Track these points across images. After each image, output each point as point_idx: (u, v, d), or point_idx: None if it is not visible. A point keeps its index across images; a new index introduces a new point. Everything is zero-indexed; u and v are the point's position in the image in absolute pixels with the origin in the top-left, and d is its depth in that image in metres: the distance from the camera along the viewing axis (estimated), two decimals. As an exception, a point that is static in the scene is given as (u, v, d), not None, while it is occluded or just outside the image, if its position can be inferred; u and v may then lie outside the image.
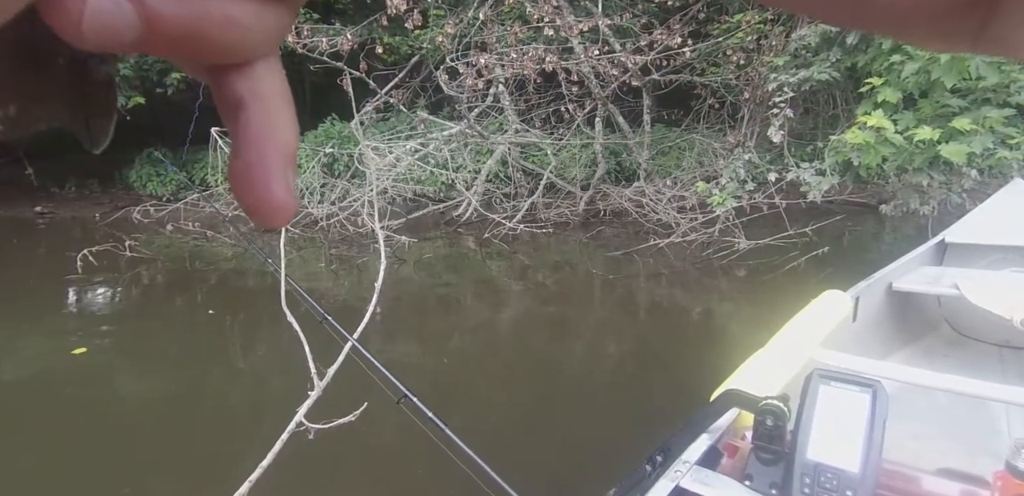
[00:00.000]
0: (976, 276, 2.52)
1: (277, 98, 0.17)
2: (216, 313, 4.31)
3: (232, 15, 0.15)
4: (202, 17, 0.14)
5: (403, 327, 4.14)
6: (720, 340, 3.58)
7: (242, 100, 0.17)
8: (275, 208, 0.17)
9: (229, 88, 0.17)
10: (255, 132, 0.17)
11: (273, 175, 0.17)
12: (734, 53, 6.95)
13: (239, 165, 0.17)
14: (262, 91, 0.17)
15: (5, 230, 6.88)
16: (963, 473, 1.27)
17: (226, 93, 0.17)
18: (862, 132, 4.31)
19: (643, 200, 7.04)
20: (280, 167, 0.17)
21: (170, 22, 0.14)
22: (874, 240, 6.67)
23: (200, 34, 0.14)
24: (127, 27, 0.13)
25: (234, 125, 0.17)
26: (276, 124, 0.17)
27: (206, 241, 6.63)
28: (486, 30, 7.00)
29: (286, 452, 1.72)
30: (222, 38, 0.15)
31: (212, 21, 0.14)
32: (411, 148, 7.17)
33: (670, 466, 1.18)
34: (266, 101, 0.17)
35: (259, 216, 0.17)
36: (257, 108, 0.17)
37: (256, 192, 0.17)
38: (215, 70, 0.17)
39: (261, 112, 0.17)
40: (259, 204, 0.17)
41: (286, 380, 1.91)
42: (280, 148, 0.17)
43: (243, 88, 0.17)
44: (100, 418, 2.74)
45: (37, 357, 3.52)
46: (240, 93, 0.17)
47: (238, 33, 0.15)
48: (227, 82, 0.17)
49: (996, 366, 2.45)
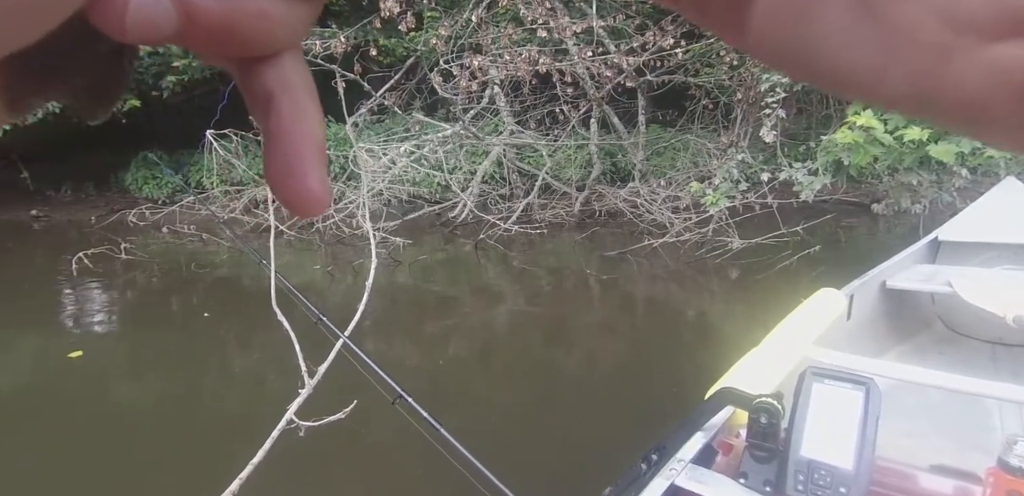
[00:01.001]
0: (969, 274, 2.53)
1: (304, 89, 0.18)
2: (211, 315, 4.30)
3: (265, 8, 0.15)
4: (237, 10, 0.15)
5: (398, 328, 4.14)
6: (714, 338, 3.59)
7: (272, 92, 0.17)
8: (314, 198, 0.18)
9: (258, 80, 0.17)
10: (287, 123, 0.17)
11: (309, 166, 0.18)
12: (727, 54, 6.98)
13: (275, 158, 0.18)
14: (290, 82, 0.18)
15: (1, 233, 6.86)
16: (956, 469, 1.27)
17: (255, 86, 0.18)
18: (852, 132, 4.33)
19: (638, 200, 7.06)
20: (315, 158, 0.18)
21: (208, 16, 0.14)
22: (867, 239, 6.70)
23: (235, 27, 0.15)
24: (167, 21, 0.14)
25: (264, 118, 0.18)
26: (306, 115, 0.18)
27: (201, 244, 6.61)
28: (480, 32, 7.01)
29: (283, 453, 1.72)
30: (256, 30, 0.16)
31: (247, 14, 0.15)
32: (406, 150, 7.17)
33: (665, 464, 1.19)
34: (295, 92, 0.18)
35: (297, 207, 0.18)
36: (287, 99, 0.17)
37: (294, 184, 0.17)
38: (245, 63, 0.17)
39: (291, 103, 0.18)
40: (298, 195, 0.17)
41: (282, 380, 1.92)
42: (312, 139, 0.18)
43: (272, 80, 0.17)
44: (96, 420, 2.73)
45: (33, 360, 3.51)
46: (270, 85, 0.17)
47: (270, 26, 0.16)
48: (256, 74, 0.17)
49: (989, 363, 2.47)
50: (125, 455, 2.41)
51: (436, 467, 1.63)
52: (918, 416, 1.91)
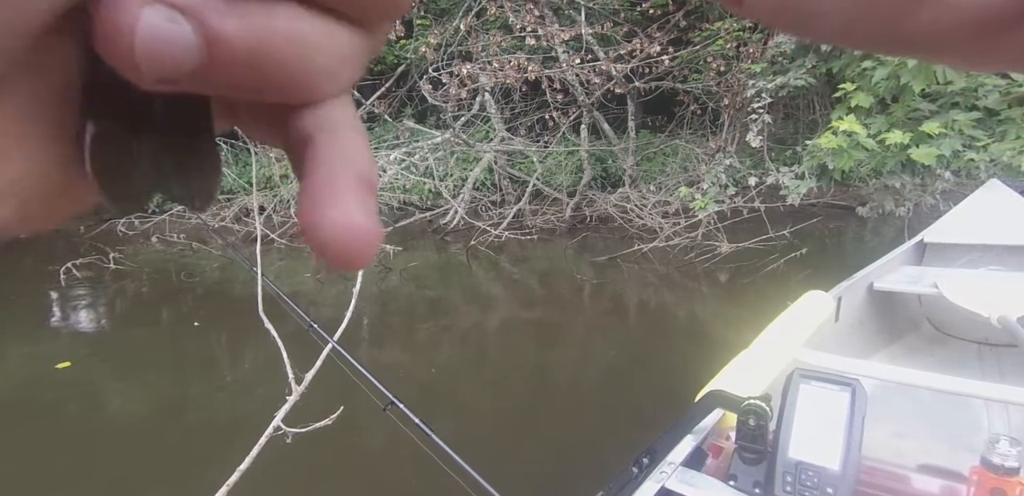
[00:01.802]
0: (955, 275, 2.56)
1: (350, 129, 0.15)
2: (201, 324, 4.28)
3: (303, 34, 0.12)
4: (268, 34, 0.12)
5: (390, 335, 4.13)
6: (704, 341, 3.61)
7: (310, 136, 0.14)
8: (355, 237, 0.13)
9: (294, 126, 0.15)
10: (324, 157, 0.14)
11: (348, 196, 0.14)
12: (714, 60, 7.05)
13: (308, 197, 0.14)
14: (334, 122, 0.15)
15: (-15, 244, 6.80)
16: (943, 469, 1.29)
17: (291, 133, 0.15)
18: (835, 137, 4.39)
19: (628, 206, 7.10)
20: (357, 189, 0.14)
21: (234, 43, 0.12)
22: (853, 241, 6.76)
23: (266, 57, 0.12)
24: (186, 50, 0.11)
25: (299, 162, 0.15)
26: (350, 151, 0.15)
27: (191, 253, 6.57)
28: (470, 40, 7.05)
29: (274, 461, 1.71)
30: (290, 61, 0.12)
31: (278, 39, 0.12)
32: (395, 158, 7.18)
33: (656, 467, 1.19)
34: (338, 132, 0.15)
35: (335, 251, 0.13)
36: (326, 138, 0.14)
37: (328, 219, 0.13)
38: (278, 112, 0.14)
39: (331, 141, 0.14)
40: (334, 233, 0.13)
41: (272, 388, 1.91)
42: (357, 171, 0.14)
43: (310, 123, 0.14)
44: (85, 431, 2.71)
45: (20, 371, 3.47)
46: (308, 130, 0.14)
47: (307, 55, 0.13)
48: (293, 120, 0.14)
49: (976, 363, 2.49)
50: (114, 464, 2.40)
51: (428, 474, 1.63)
52: (906, 416, 1.92)
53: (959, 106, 4.58)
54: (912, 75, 4.25)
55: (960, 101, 4.58)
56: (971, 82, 4.44)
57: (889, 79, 4.43)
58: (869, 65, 4.61)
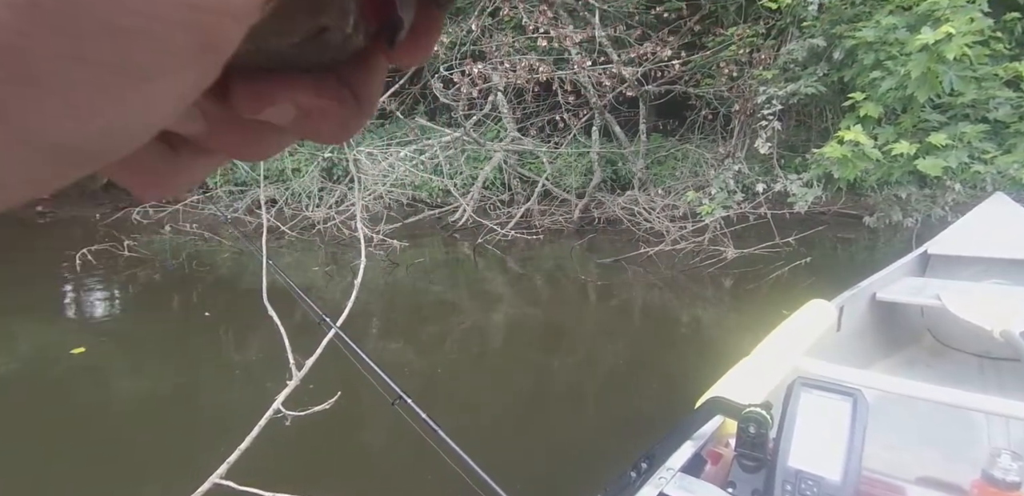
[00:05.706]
0: (958, 287, 2.55)
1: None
2: (212, 314, 4.33)
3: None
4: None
5: (397, 330, 4.17)
6: (706, 346, 3.63)
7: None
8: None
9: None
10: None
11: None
12: (727, 65, 7.04)
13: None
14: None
15: (5, 229, 6.84)
16: (943, 482, 1.28)
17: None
18: (840, 147, 4.39)
19: (636, 209, 7.10)
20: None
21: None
22: (859, 251, 6.74)
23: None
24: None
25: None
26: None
27: (204, 242, 6.63)
28: (483, 39, 7.06)
29: (281, 451, 1.74)
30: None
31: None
32: (405, 155, 7.20)
33: (654, 473, 1.19)
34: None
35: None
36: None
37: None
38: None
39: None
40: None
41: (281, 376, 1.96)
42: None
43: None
44: (99, 414, 2.77)
45: (36, 356, 3.53)
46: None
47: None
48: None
49: (977, 376, 2.49)
50: (124, 445, 2.47)
51: (434, 469, 1.66)
52: (906, 428, 1.92)
53: (969, 117, 4.57)
54: (916, 85, 4.24)
55: (970, 113, 4.58)
56: (981, 94, 4.43)
57: (897, 89, 4.43)
58: (878, 75, 4.60)
